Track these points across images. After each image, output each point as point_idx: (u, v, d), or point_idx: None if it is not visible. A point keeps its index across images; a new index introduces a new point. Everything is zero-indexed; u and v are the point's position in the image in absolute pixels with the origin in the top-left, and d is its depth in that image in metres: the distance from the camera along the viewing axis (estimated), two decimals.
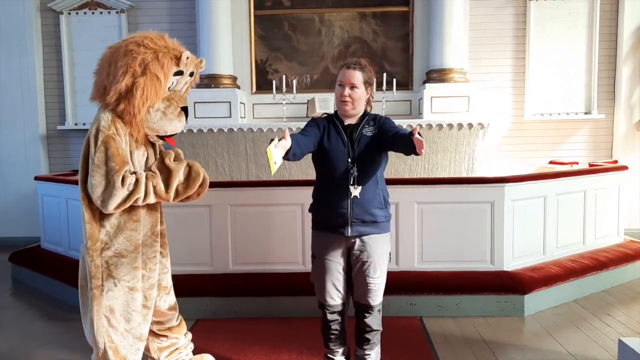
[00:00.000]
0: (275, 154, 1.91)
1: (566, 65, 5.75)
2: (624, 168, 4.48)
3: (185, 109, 2.21)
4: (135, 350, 2.21)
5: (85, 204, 2.09)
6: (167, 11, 5.92)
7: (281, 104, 5.45)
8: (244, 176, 5.25)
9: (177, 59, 2.13)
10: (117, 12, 5.87)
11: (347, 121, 2.30)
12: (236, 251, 3.61)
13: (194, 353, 2.59)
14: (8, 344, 3.14)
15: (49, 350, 3.02)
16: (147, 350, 2.41)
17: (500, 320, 3.32)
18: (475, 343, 2.99)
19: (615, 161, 5.33)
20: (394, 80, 5.42)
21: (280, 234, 3.59)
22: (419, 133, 1.93)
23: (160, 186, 2.13)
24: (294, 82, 5.76)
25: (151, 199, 2.12)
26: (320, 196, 2.32)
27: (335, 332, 2.36)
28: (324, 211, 2.29)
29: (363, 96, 2.27)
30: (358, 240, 2.25)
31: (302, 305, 3.30)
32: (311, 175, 2.54)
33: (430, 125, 5.13)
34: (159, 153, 2.31)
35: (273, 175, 2.10)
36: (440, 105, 5.38)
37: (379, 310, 2.32)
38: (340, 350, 2.40)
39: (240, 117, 5.55)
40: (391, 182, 2.64)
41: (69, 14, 5.88)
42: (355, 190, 2.19)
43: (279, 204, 3.59)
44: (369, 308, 2.28)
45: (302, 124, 2.35)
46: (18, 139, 5.92)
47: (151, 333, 2.38)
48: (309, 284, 2.43)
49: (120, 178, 1.99)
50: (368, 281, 2.25)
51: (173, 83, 2.18)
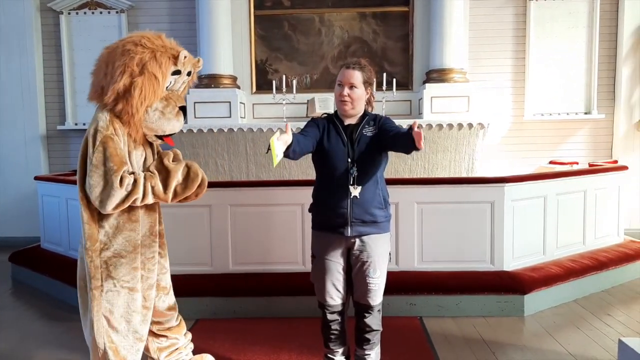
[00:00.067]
0: (277, 146, 1.91)
1: (566, 65, 5.75)
2: (624, 168, 4.48)
3: (183, 109, 2.21)
4: (135, 351, 2.21)
5: (83, 205, 2.09)
6: (167, 11, 5.92)
7: (281, 104, 5.45)
8: (244, 176, 5.25)
9: (175, 58, 2.12)
10: (117, 12, 5.87)
11: (347, 121, 2.29)
12: (236, 251, 3.61)
13: (194, 353, 2.59)
14: (8, 343, 3.14)
15: (48, 350, 3.02)
16: (147, 350, 2.40)
17: (500, 320, 3.32)
18: (475, 343, 2.99)
19: (615, 161, 5.33)
20: (394, 80, 5.42)
21: (280, 234, 3.59)
22: (418, 126, 1.93)
23: (159, 187, 2.12)
24: (294, 82, 5.75)
25: (149, 200, 2.11)
26: (320, 196, 2.32)
27: (335, 332, 2.35)
28: (323, 211, 2.29)
29: (362, 96, 2.26)
30: (358, 240, 2.24)
31: (302, 305, 3.30)
32: (311, 175, 2.53)
33: (430, 125, 5.13)
34: (158, 153, 2.30)
35: (275, 166, 2.07)
36: (440, 105, 5.37)
37: (378, 310, 2.32)
38: (340, 350, 2.40)
39: (240, 117, 5.55)
40: (391, 182, 2.64)
41: (69, 14, 5.88)
42: (355, 190, 2.19)
43: (279, 204, 3.59)
44: (368, 308, 2.28)
45: (302, 124, 2.34)
46: (18, 139, 5.92)
47: (151, 333, 2.38)
48: (309, 284, 2.43)
49: (118, 178, 1.99)
50: (368, 281, 2.25)
51: (171, 82, 2.17)
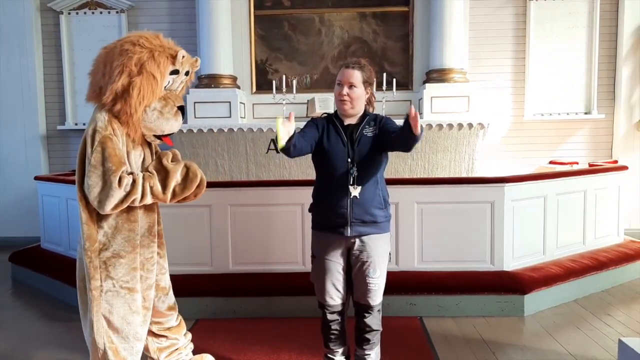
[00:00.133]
0: (282, 130, 1.90)
1: (566, 65, 5.75)
2: (624, 168, 4.48)
3: (182, 108, 2.20)
4: (135, 351, 2.20)
5: (82, 205, 2.08)
6: (167, 11, 5.92)
7: (281, 104, 5.44)
8: (244, 176, 5.25)
9: (173, 58, 2.12)
10: (117, 12, 5.87)
11: (347, 121, 2.29)
12: (236, 251, 3.61)
13: (194, 353, 2.59)
14: (8, 343, 3.14)
15: (48, 350, 3.02)
16: (147, 350, 2.40)
17: (500, 320, 3.32)
18: (475, 343, 2.99)
19: (615, 161, 5.33)
20: (394, 80, 5.41)
21: (280, 234, 3.58)
22: (415, 113, 1.92)
23: (158, 187, 2.12)
24: (294, 82, 5.75)
25: (148, 200, 2.11)
26: (320, 196, 2.32)
27: (335, 332, 2.35)
28: (323, 211, 2.29)
29: (362, 95, 2.26)
30: (358, 240, 2.24)
31: (302, 305, 3.30)
32: (311, 175, 2.53)
33: (430, 125, 5.13)
34: (156, 153, 2.30)
35: (280, 149, 2.01)
36: (440, 105, 5.38)
37: (378, 310, 2.32)
38: (340, 350, 2.40)
39: (240, 117, 5.56)
40: (391, 182, 2.64)
41: (69, 13, 5.88)
42: (355, 191, 2.19)
43: (279, 204, 3.58)
44: (368, 308, 2.28)
45: (302, 124, 2.34)
46: (18, 139, 5.92)
47: (150, 333, 2.37)
48: (309, 284, 2.43)
49: (117, 179, 1.98)
50: (368, 281, 2.25)
51: (169, 82, 2.17)
